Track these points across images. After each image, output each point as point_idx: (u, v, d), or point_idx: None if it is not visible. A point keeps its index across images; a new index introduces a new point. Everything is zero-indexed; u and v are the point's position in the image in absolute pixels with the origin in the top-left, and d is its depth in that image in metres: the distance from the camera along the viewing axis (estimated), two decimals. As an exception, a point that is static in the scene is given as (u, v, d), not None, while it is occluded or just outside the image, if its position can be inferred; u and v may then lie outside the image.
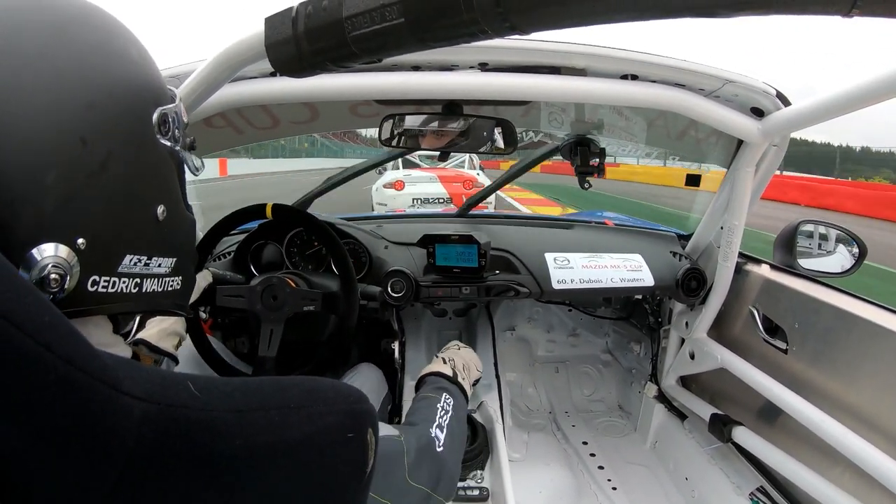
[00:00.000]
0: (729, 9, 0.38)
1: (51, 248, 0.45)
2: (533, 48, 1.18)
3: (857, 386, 1.27)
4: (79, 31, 0.49)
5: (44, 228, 0.45)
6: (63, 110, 0.46)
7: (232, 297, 1.30)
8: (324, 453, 0.50)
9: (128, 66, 0.52)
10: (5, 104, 0.43)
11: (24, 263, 0.44)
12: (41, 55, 0.46)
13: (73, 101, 0.46)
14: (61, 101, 0.46)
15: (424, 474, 0.81)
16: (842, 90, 1.01)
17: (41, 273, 0.44)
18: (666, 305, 2.01)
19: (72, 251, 0.46)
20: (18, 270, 0.43)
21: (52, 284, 0.45)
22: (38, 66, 0.45)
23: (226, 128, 1.55)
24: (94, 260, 0.49)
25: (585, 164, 1.65)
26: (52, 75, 0.46)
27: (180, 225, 0.60)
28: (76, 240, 0.47)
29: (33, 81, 0.45)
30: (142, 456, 0.38)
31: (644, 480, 1.90)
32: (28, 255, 0.44)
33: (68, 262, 0.46)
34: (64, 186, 0.46)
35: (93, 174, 0.47)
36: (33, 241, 0.44)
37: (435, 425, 0.95)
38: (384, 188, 9.19)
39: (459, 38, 0.47)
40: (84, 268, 0.48)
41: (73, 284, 0.47)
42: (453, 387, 1.16)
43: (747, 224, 1.53)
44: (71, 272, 0.46)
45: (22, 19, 0.46)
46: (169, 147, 0.56)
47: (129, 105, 0.51)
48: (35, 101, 0.44)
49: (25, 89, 0.44)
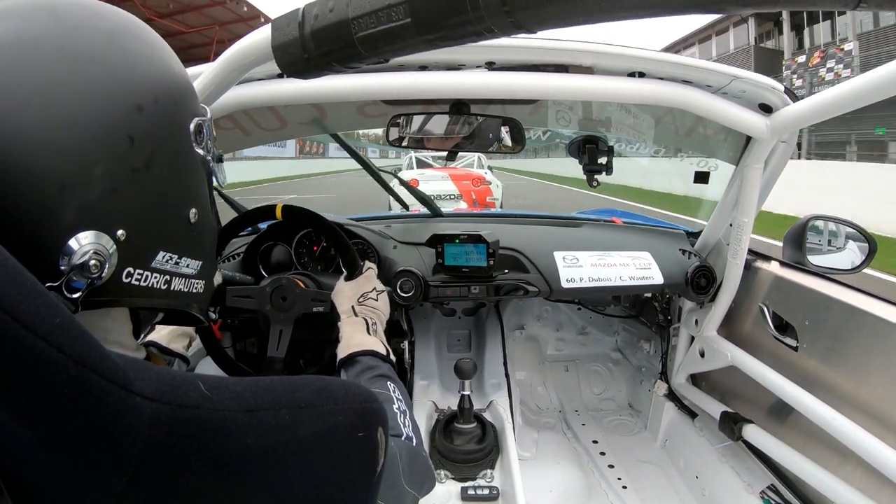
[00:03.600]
0: (737, 4, 0.38)
1: (92, 235, 0.47)
2: (540, 47, 1.18)
3: (867, 383, 1.26)
4: (130, 40, 0.53)
5: (88, 216, 0.47)
6: (114, 109, 0.49)
7: (241, 298, 1.31)
8: (334, 452, 0.51)
9: (171, 77, 0.55)
10: (62, 97, 0.46)
11: (64, 249, 0.46)
12: (95, 56, 0.49)
13: (123, 101, 0.49)
14: (113, 100, 0.49)
15: (416, 477, 0.80)
16: (849, 86, 1.01)
17: (82, 258, 0.46)
18: (675, 303, 2.00)
19: (112, 241, 0.48)
20: (59, 256, 0.46)
21: (91, 270, 0.47)
22: (93, 66, 0.48)
23: (233, 129, 1.56)
24: (131, 252, 0.51)
25: (593, 163, 1.64)
26: (104, 75, 0.49)
27: (207, 231, 0.62)
28: (116, 231, 0.49)
29: (87, 78, 0.48)
30: (153, 456, 0.38)
31: (654, 479, 1.90)
32: (69, 243, 0.46)
33: (108, 251, 0.48)
34: (110, 179, 0.48)
35: (137, 171, 0.50)
36: (76, 227, 0.46)
37: (403, 425, 0.87)
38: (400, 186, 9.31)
39: (466, 37, 0.47)
40: (121, 258, 0.50)
41: (109, 273, 0.49)
42: (388, 366, 1.04)
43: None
44: (109, 261, 0.48)
45: (79, 23, 0.50)
46: (202, 156, 0.59)
47: (172, 112, 0.55)
48: (88, 98, 0.47)
49: (80, 84, 0.47)
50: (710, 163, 1.75)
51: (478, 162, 10.34)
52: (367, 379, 0.97)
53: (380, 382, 0.95)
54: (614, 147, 1.67)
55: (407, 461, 0.77)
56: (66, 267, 0.46)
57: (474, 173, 9.91)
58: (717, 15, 0.38)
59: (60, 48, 0.47)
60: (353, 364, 1.03)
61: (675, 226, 2.15)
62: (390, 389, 0.93)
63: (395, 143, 1.45)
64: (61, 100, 0.46)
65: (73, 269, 0.46)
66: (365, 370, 1.00)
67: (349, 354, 1.04)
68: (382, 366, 1.02)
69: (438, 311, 2.31)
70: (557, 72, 1.23)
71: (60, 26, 0.48)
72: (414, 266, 1.68)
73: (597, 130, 1.68)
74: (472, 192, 9.48)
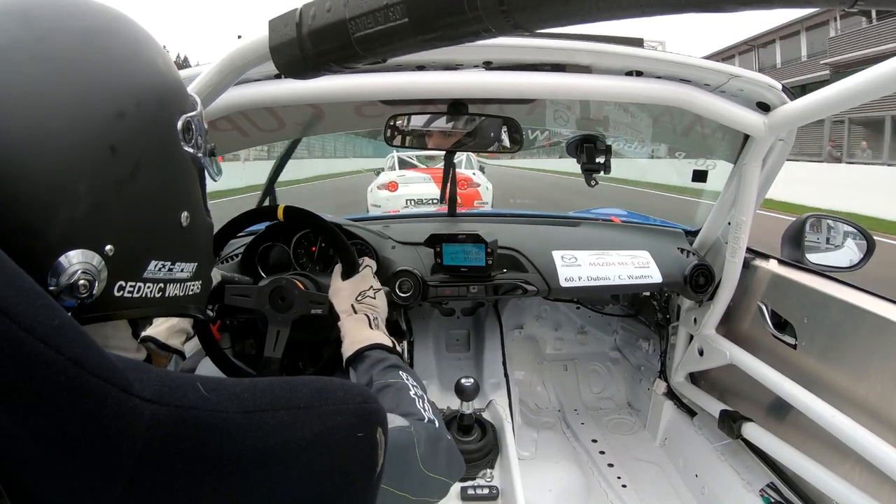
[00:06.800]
0: (734, 3, 0.38)
1: (80, 254, 0.46)
2: (537, 46, 1.18)
3: (866, 381, 1.26)
4: (108, 39, 0.50)
5: (74, 235, 0.46)
6: (93, 118, 0.46)
7: (240, 297, 1.31)
8: (333, 453, 0.51)
9: (155, 74, 0.53)
10: (38, 111, 0.44)
11: (52, 269, 0.45)
12: (72, 62, 0.47)
13: (103, 109, 0.47)
14: (91, 109, 0.46)
15: (441, 461, 0.79)
16: (847, 84, 1.01)
17: (70, 279, 0.45)
18: (674, 302, 2.00)
19: (100, 257, 0.47)
20: (47, 276, 0.44)
21: (81, 290, 0.45)
22: (70, 73, 0.46)
23: (231, 131, 1.55)
24: (121, 266, 0.49)
25: (591, 162, 1.65)
26: (82, 83, 0.46)
27: (201, 230, 0.61)
28: (104, 246, 0.47)
29: (64, 88, 0.45)
30: (152, 458, 0.38)
31: (654, 478, 1.90)
32: (57, 262, 0.45)
33: (96, 269, 0.47)
34: (94, 194, 0.46)
35: (121, 182, 0.48)
36: (63, 246, 0.45)
37: (423, 409, 0.87)
38: (378, 189, 9.23)
39: (463, 37, 0.47)
40: (111, 274, 0.48)
41: (100, 290, 0.48)
42: (395, 357, 1.04)
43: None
44: (99, 278, 0.47)
45: (53, 26, 0.47)
46: (192, 153, 0.57)
47: (157, 113, 0.52)
48: (66, 109, 0.45)
49: (57, 96, 0.45)
50: (708, 162, 1.75)
51: (466, 162, 9.69)
52: (380, 371, 0.97)
53: (392, 372, 0.95)
54: (612, 148, 1.67)
55: (427, 446, 0.76)
56: (56, 288, 0.45)
57: (461, 174, 8.97)
58: (715, 13, 0.38)
59: (33, 57, 0.45)
60: (362, 360, 1.02)
61: (673, 224, 2.15)
62: (404, 378, 0.93)
63: (393, 143, 1.45)
64: (37, 114, 0.44)
65: (62, 290, 0.45)
66: (376, 363, 1.00)
67: (357, 350, 1.04)
68: (391, 357, 1.02)
69: (437, 311, 2.31)
70: (555, 71, 1.23)
71: (33, 33, 0.46)
72: (412, 266, 1.68)
73: (595, 130, 1.68)
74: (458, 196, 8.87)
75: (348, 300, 1.17)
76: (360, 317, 1.13)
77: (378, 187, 9.26)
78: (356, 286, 1.21)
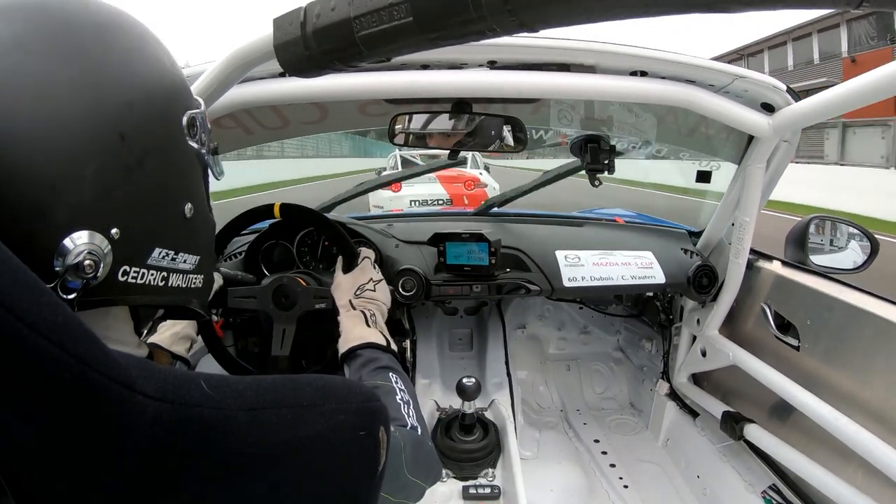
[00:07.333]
0: (740, 4, 0.38)
1: (86, 235, 0.46)
2: (542, 45, 1.18)
3: (870, 383, 1.26)
4: (119, 34, 0.52)
5: (81, 216, 0.46)
6: (104, 105, 0.48)
7: (243, 299, 1.31)
8: (336, 451, 0.51)
9: (162, 70, 0.55)
10: (52, 98, 0.45)
11: (59, 250, 0.45)
12: (85, 53, 0.48)
13: (113, 98, 0.49)
14: (103, 98, 0.48)
15: (422, 467, 0.80)
16: (851, 85, 1.00)
17: (76, 259, 0.46)
18: (677, 302, 2.00)
19: (106, 240, 0.48)
20: (53, 257, 0.45)
21: (86, 270, 0.46)
22: (83, 62, 0.48)
23: (235, 128, 1.56)
24: (126, 250, 0.50)
25: (596, 162, 1.64)
26: (95, 72, 0.48)
27: (204, 225, 0.62)
28: (111, 229, 0.48)
29: (78, 76, 0.47)
30: (155, 455, 0.38)
31: (656, 478, 1.90)
32: (63, 243, 0.45)
33: (102, 251, 0.48)
34: (102, 178, 0.48)
35: (129, 168, 0.49)
36: (69, 227, 0.46)
37: (407, 415, 0.88)
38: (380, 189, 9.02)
39: (468, 36, 0.47)
40: (116, 258, 0.49)
41: (105, 273, 0.48)
42: (389, 356, 1.04)
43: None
44: (104, 260, 0.48)
45: (67, 18, 0.49)
46: (196, 149, 0.58)
47: (164, 107, 0.54)
48: (79, 96, 0.47)
49: (71, 83, 0.46)
50: (712, 162, 1.75)
51: (472, 161, 9.52)
52: (369, 372, 0.98)
53: (382, 374, 0.96)
54: (616, 147, 1.66)
55: (411, 451, 0.77)
56: (61, 268, 0.45)
57: (467, 174, 9.13)
58: (721, 14, 0.38)
59: (49, 47, 0.46)
60: (354, 358, 1.04)
61: (677, 225, 2.14)
62: (392, 381, 0.93)
63: (397, 142, 1.45)
64: (51, 100, 0.45)
65: (67, 270, 0.45)
66: (366, 363, 1.01)
67: (349, 349, 1.05)
68: (383, 357, 1.03)
69: (440, 310, 2.31)
70: (559, 71, 1.23)
71: (50, 24, 0.47)
72: (416, 265, 1.68)
73: (599, 129, 1.68)
74: (465, 196, 8.69)
75: (347, 295, 1.18)
76: (357, 313, 1.14)
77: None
78: (355, 280, 1.21)
